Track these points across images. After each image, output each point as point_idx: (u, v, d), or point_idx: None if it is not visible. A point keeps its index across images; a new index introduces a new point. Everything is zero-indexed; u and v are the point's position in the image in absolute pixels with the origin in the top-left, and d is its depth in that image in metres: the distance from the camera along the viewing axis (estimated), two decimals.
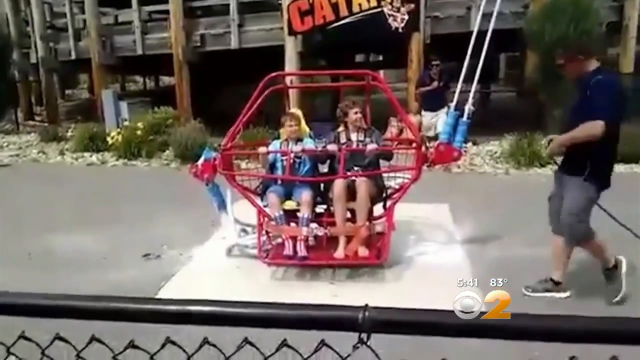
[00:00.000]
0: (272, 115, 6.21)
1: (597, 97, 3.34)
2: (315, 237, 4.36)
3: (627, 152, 7.95)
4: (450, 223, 5.49)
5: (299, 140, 4.63)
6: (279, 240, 4.46)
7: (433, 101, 9.03)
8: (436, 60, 9.18)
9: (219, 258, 4.67)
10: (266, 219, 4.42)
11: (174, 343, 1.00)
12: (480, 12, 4.45)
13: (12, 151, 11.17)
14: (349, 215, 4.45)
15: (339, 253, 4.23)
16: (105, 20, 13.78)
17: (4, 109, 13.87)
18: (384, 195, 4.58)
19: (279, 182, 4.58)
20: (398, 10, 9.94)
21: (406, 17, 9.96)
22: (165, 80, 21.27)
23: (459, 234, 5.14)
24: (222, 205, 4.69)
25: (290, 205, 4.47)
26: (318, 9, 10.27)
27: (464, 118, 4.15)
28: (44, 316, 0.94)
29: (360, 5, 10.09)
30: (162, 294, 3.88)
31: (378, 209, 4.61)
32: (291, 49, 10.67)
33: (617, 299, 3.58)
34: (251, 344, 0.95)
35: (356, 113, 4.52)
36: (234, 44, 11.48)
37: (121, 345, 1.02)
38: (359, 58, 16.73)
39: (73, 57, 13.71)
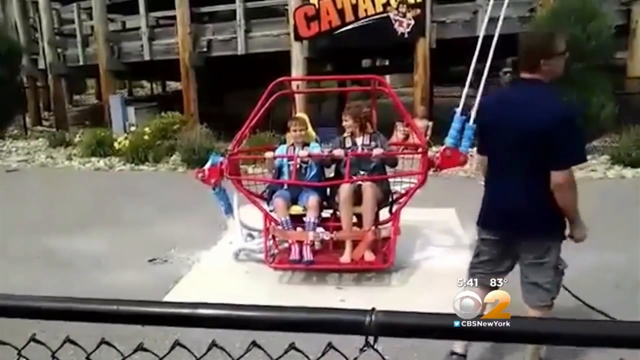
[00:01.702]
0: (278, 120, 6.23)
1: None
2: (322, 241, 4.36)
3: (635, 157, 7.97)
4: (457, 227, 5.47)
5: (305, 145, 4.64)
6: (286, 244, 4.47)
7: None
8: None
9: (226, 262, 4.68)
10: (272, 223, 4.44)
11: (182, 346, 1.01)
12: (487, 17, 4.43)
13: (21, 156, 11.26)
14: (355, 219, 4.45)
15: (345, 257, 4.22)
16: (113, 26, 13.91)
17: (13, 114, 13.99)
18: (390, 199, 4.58)
19: (285, 186, 4.59)
20: (404, 16, 9.96)
21: (412, 22, 9.98)
22: (172, 85, 21.40)
23: (466, 238, 5.12)
24: (229, 209, 4.71)
25: (296, 209, 4.47)
26: (324, 15, 10.31)
27: (471, 122, 4.14)
28: (55, 319, 0.95)
29: (366, 10, 10.12)
30: (169, 298, 3.89)
31: (384, 214, 4.61)
32: (297, 54, 10.71)
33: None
34: (259, 347, 0.96)
35: (346, 120, 4.52)
36: (240, 49, 11.53)
37: (130, 349, 1.03)
38: (365, 63, 16.77)
39: (81, 62, 13.84)
